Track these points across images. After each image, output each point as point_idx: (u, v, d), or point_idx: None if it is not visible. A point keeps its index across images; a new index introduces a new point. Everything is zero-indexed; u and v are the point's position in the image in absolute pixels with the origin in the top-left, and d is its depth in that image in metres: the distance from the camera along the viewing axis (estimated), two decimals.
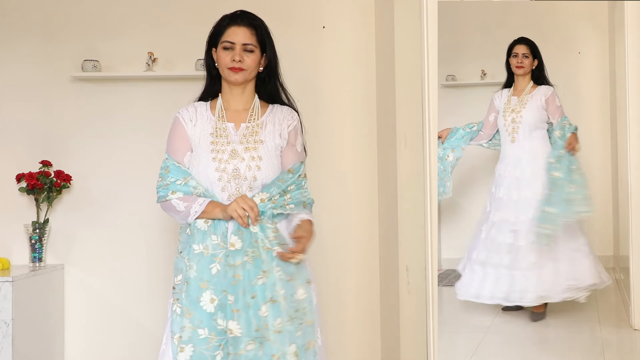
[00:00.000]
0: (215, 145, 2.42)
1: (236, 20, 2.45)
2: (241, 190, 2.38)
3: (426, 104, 2.86)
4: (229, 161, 2.39)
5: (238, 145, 2.42)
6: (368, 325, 3.52)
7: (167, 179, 2.42)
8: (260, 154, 2.41)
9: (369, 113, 3.54)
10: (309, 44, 3.58)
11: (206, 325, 2.28)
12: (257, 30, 2.46)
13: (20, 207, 3.60)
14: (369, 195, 3.54)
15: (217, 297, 2.29)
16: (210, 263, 2.32)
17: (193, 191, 2.39)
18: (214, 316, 2.28)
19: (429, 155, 2.86)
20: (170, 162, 2.44)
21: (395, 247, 3.05)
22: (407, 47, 2.97)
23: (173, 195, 2.40)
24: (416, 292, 2.91)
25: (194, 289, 2.31)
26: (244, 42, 2.43)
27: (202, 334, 2.28)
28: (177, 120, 2.49)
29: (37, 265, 3.50)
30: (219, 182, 2.38)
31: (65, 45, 3.61)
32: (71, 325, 3.61)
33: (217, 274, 2.30)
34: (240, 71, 2.43)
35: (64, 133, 3.62)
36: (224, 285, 2.29)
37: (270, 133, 2.46)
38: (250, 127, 2.46)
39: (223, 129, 2.45)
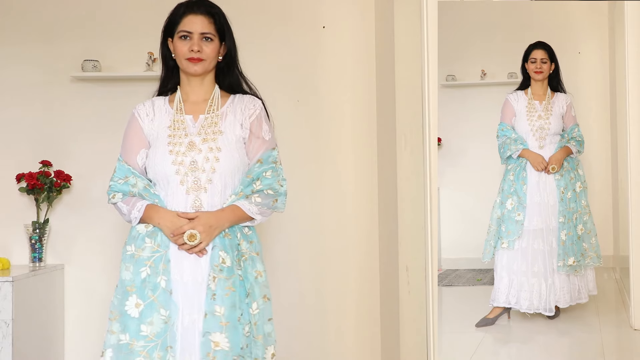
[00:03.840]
0: (172, 139, 2.33)
1: (193, 8, 2.37)
2: (200, 183, 2.29)
3: (426, 104, 2.86)
4: (185, 153, 2.30)
5: (196, 137, 2.33)
6: (368, 326, 3.51)
7: (112, 179, 2.38)
8: (219, 145, 2.32)
9: (369, 113, 3.54)
10: (309, 44, 3.58)
11: (128, 330, 2.21)
12: (215, 18, 2.37)
13: (20, 207, 3.60)
14: (369, 195, 3.53)
15: (143, 302, 2.22)
16: (141, 267, 2.26)
17: (131, 189, 2.33)
18: (139, 322, 2.21)
19: (429, 155, 2.85)
20: (118, 162, 2.40)
21: (395, 247, 3.05)
22: (407, 47, 2.97)
23: (116, 197, 2.36)
24: (416, 292, 2.91)
25: (122, 291, 2.26)
26: (202, 32, 2.34)
27: (122, 340, 2.22)
28: (132, 117, 2.43)
29: (37, 265, 3.49)
30: (177, 175, 2.29)
31: (65, 45, 3.61)
32: (71, 325, 3.61)
33: (147, 278, 2.24)
34: (199, 62, 2.34)
35: (64, 133, 3.62)
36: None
37: (230, 124, 2.37)
38: (210, 118, 2.37)
39: (181, 121, 2.36)
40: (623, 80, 3.31)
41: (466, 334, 3.30)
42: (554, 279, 3.32)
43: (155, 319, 2.21)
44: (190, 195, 2.29)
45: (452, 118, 3.60)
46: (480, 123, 3.78)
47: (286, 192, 2.40)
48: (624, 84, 3.30)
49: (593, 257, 3.37)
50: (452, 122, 3.61)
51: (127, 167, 2.36)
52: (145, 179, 2.35)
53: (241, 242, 2.31)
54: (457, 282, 3.71)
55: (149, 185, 2.33)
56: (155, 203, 2.31)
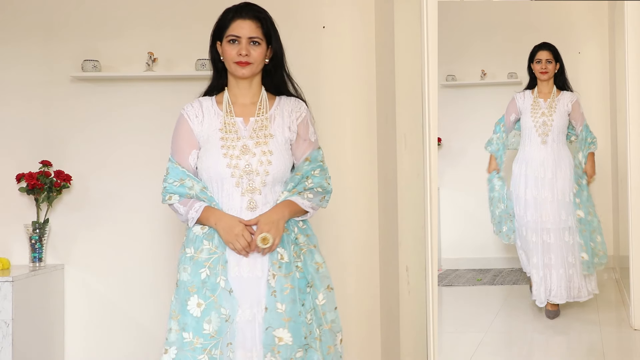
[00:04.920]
0: (225, 141, 2.39)
1: (241, 13, 2.42)
2: (254, 185, 2.36)
3: (426, 104, 2.86)
4: (240, 157, 2.37)
5: (248, 141, 2.40)
6: (368, 325, 3.51)
7: (166, 181, 2.43)
8: (270, 148, 2.39)
9: (369, 113, 3.54)
10: (309, 44, 3.58)
11: (191, 329, 2.28)
12: (263, 23, 2.43)
13: (20, 207, 3.60)
14: (369, 195, 3.53)
15: (204, 301, 2.28)
16: (200, 268, 2.32)
17: (188, 192, 2.38)
18: (200, 320, 2.27)
19: (429, 155, 2.85)
20: (170, 163, 2.44)
21: (395, 247, 3.05)
22: (407, 47, 2.97)
23: (173, 199, 2.41)
24: (416, 292, 2.91)
25: (183, 292, 2.31)
26: (250, 36, 2.40)
27: (186, 338, 2.28)
28: (181, 118, 2.47)
29: (37, 265, 3.50)
30: (232, 178, 2.36)
31: (65, 45, 3.61)
32: (71, 325, 3.61)
33: (206, 279, 2.30)
34: (247, 65, 2.41)
35: (64, 133, 3.62)
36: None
37: (279, 126, 2.44)
38: (260, 121, 2.43)
39: (232, 124, 2.42)
40: (623, 80, 3.31)
41: (466, 334, 3.31)
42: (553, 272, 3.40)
43: (215, 317, 2.28)
44: (245, 197, 2.36)
45: (452, 118, 3.61)
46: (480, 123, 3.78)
47: (332, 190, 2.52)
48: (624, 83, 3.30)
49: (601, 255, 3.43)
50: (452, 122, 3.62)
51: (181, 169, 2.41)
52: (201, 182, 2.41)
53: (298, 236, 2.40)
54: (457, 282, 3.71)
55: (205, 188, 2.40)
56: (213, 205, 2.38)
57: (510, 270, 3.94)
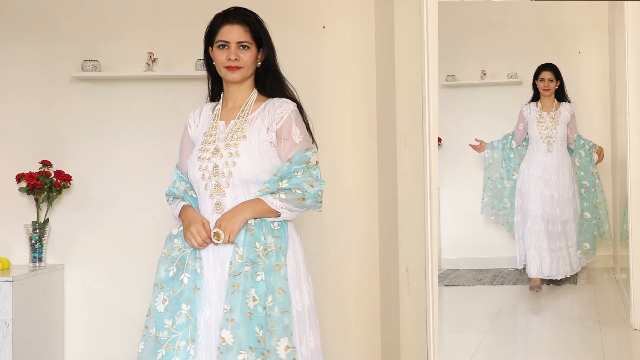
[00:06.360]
0: (204, 145, 2.44)
1: (229, 18, 2.45)
2: (220, 187, 2.38)
3: (426, 104, 2.86)
4: (210, 159, 2.40)
5: (221, 143, 2.41)
6: (368, 325, 3.51)
7: (170, 183, 2.53)
8: (238, 150, 2.38)
9: (369, 113, 3.54)
10: (309, 44, 3.58)
11: (154, 323, 2.34)
12: (251, 26, 2.45)
13: (20, 207, 3.60)
14: (369, 195, 3.53)
15: (168, 298, 2.33)
16: (170, 266, 2.36)
17: (176, 192, 2.48)
18: (163, 316, 2.32)
19: (429, 155, 2.85)
20: (175, 167, 2.55)
21: (395, 247, 3.05)
22: (407, 47, 2.97)
23: (168, 200, 2.54)
24: (416, 292, 2.91)
25: (155, 290, 2.38)
26: (239, 40, 2.43)
27: (151, 333, 2.34)
28: (185, 123, 2.58)
29: (37, 265, 3.49)
30: (202, 180, 2.40)
31: (65, 45, 3.61)
32: (71, 325, 3.61)
33: (173, 276, 2.34)
34: (237, 69, 2.43)
35: (64, 133, 3.62)
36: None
37: (256, 128, 2.43)
38: (239, 123, 2.45)
39: (214, 127, 2.47)
40: (623, 80, 3.32)
41: (466, 334, 3.31)
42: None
43: (177, 313, 2.30)
44: (212, 199, 2.39)
45: (452, 118, 3.61)
46: (480, 123, 3.79)
47: (318, 192, 2.42)
48: (624, 83, 3.31)
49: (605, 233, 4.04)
50: (452, 122, 3.62)
51: (179, 172, 2.51)
52: (188, 183, 2.48)
53: (266, 236, 2.36)
54: (457, 282, 3.72)
55: (189, 188, 2.46)
56: (190, 204, 2.44)
57: (510, 270, 3.95)
